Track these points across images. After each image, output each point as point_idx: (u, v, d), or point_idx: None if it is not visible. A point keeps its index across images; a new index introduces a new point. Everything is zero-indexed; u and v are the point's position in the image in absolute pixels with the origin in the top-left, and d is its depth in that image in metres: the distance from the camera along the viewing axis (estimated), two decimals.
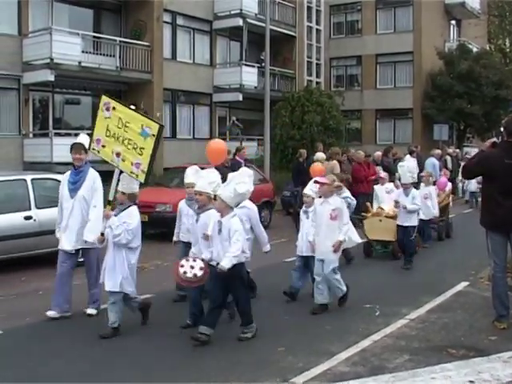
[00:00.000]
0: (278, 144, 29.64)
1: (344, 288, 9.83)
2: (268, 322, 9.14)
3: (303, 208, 10.63)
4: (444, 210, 17.23)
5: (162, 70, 27.22)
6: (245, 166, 17.70)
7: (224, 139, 30.06)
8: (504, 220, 8.41)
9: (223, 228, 8.01)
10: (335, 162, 17.90)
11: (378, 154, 21.86)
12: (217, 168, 17.61)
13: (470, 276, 12.16)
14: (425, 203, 15.25)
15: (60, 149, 22.24)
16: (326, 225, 9.59)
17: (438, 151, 24.76)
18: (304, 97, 30.90)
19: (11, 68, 22.81)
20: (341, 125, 31.64)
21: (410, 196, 13.22)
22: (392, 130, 40.93)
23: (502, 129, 9.21)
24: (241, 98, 30.35)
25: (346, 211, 9.92)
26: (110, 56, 25.51)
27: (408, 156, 23.67)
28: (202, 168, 19.21)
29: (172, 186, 18.56)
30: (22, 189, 12.94)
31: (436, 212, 15.91)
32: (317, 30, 37.22)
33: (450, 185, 18.31)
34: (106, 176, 9.20)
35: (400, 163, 14.75)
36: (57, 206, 13.31)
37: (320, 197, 10.03)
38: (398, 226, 13.44)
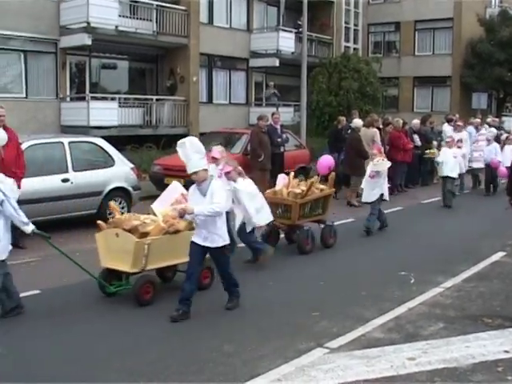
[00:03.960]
0: (314, 110, 29.51)
1: None
2: (302, 287, 9.19)
3: None
4: (316, 206, 11.80)
5: (199, 35, 27.05)
6: (281, 131, 17.85)
7: (260, 105, 30.18)
8: None
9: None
10: (375, 129, 17.72)
11: (416, 121, 21.60)
12: (254, 133, 17.73)
13: (507, 246, 12.06)
14: (238, 208, 10.26)
15: (96, 113, 22.39)
16: None
17: (478, 120, 24.41)
18: (341, 63, 30.65)
19: (49, 32, 22.82)
20: (378, 92, 31.35)
21: (209, 193, 7.65)
22: (430, 97, 40.35)
23: None
24: (277, 64, 30.09)
25: None
26: (147, 20, 25.39)
27: (446, 124, 23.49)
28: (236, 133, 19.35)
29: (208, 151, 18.59)
30: (59, 152, 13.05)
31: (269, 217, 10.43)
32: None
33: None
34: None
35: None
36: (93, 168, 13.55)
37: None
38: (191, 243, 7.89)
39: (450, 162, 17.00)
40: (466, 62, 37.98)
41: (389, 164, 13.63)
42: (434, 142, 20.63)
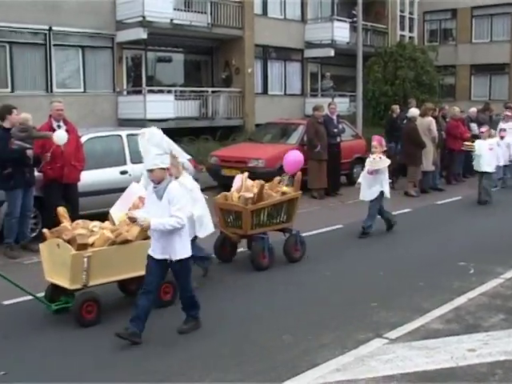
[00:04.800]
0: (370, 100, 29.28)
1: None
2: (361, 277, 9.17)
3: None
4: (276, 212, 9.88)
5: (253, 26, 27.12)
6: (337, 122, 17.77)
7: (316, 95, 30.13)
8: None
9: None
10: (431, 118, 17.51)
11: (473, 110, 21.33)
12: (310, 124, 17.64)
13: None
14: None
15: (153, 106, 22.63)
16: None
17: None
18: (397, 52, 30.36)
19: (105, 27, 23.14)
20: (434, 80, 30.97)
21: (165, 198, 6.61)
22: (487, 85, 39.53)
23: None
24: (332, 54, 29.98)
25: None
26: (202, 13, 25.53)
27: (506, 112, 23.05)
28: (292, 123, 19.31)
29: (264, 142, 18.65)
30: (117, 144, 13.25)
31: (208, 229, 8.66)
32: None
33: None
34: None
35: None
36: None
37: None
38: (149, 257, 6.82)
39: (486, 155, 15.73)
40: None
41: (388, 162, 12.03)
42: (492, 131, 20.27)
